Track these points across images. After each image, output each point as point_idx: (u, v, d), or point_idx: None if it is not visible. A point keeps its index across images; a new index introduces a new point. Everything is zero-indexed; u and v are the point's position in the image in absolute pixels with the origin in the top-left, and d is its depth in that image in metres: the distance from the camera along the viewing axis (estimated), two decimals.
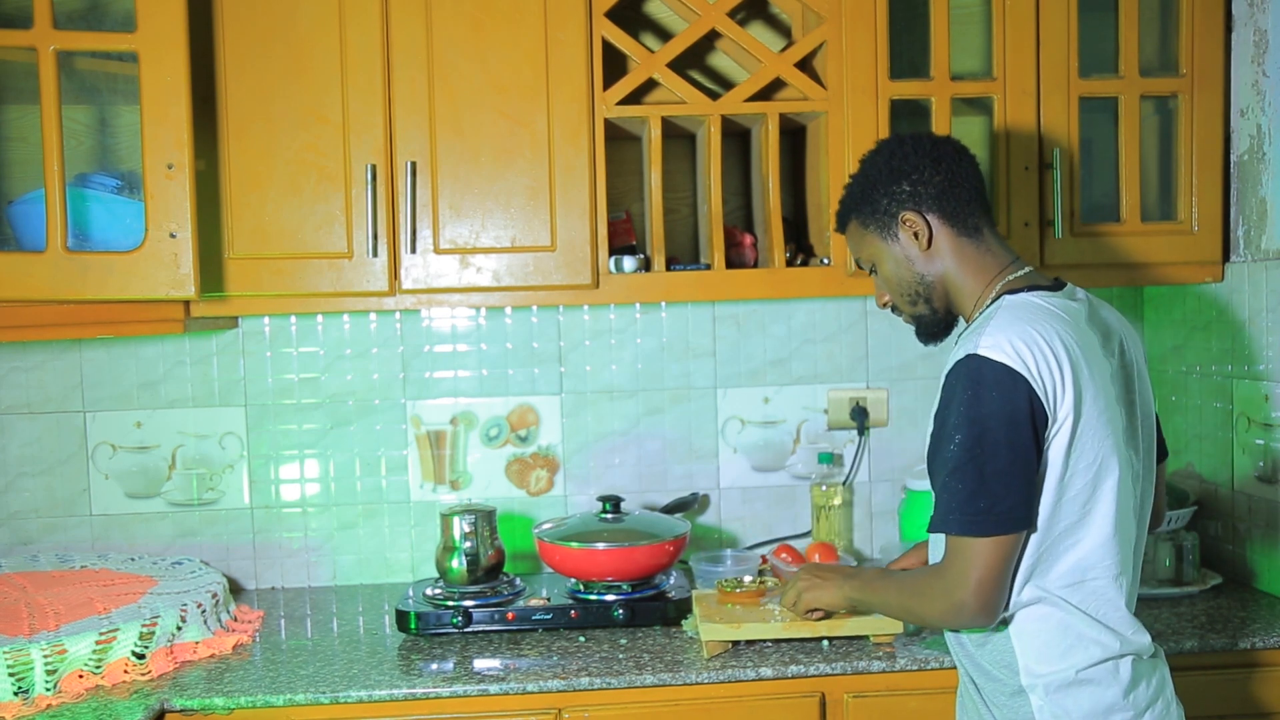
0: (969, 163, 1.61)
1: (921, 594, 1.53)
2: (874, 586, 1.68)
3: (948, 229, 1.58)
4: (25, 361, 2.37)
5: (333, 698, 1.80)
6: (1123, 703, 1.47)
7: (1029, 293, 1.52)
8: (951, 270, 1.59)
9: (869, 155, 1.66)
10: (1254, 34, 2.16)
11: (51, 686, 1.76)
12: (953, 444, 1.42)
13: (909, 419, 2.52)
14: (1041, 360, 1.41)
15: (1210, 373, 2.30)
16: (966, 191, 1.58)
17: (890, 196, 1.59)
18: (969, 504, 1.41)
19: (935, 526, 1.47)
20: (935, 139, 1.63)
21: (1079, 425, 1.43)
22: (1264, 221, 2.14)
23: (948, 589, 1.46)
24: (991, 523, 1.41)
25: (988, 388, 1.40)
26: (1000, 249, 1.60)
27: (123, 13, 1.96)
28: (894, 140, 1.65)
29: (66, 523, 2.39)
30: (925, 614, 1.54)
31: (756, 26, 2.40)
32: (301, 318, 2.42)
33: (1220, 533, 2.29)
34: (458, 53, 2.07)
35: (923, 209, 1.58)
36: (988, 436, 1.40)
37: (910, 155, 1.59)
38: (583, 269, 2.10)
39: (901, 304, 1.65)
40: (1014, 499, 1.41)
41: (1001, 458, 1.40)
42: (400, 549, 2.46)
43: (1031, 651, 1.48)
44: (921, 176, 1.58)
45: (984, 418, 1.40)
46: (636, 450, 2.48)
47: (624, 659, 1.89)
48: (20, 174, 2.25)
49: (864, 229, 1.64)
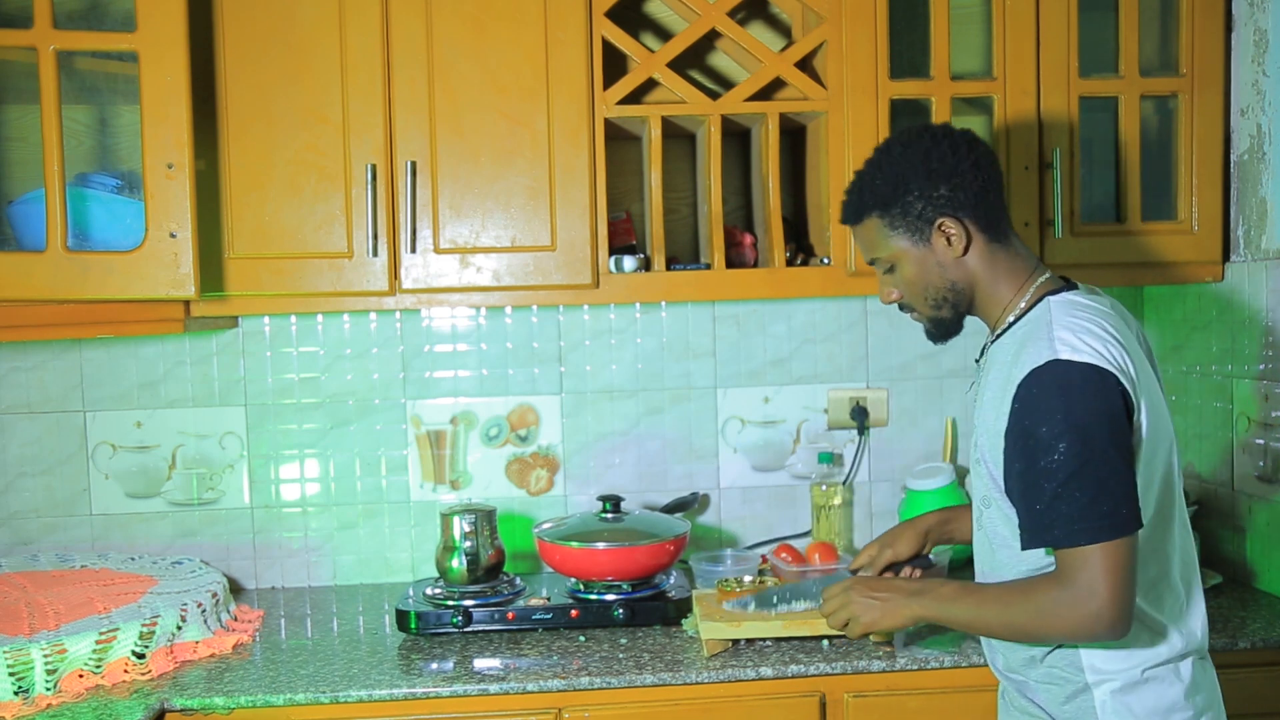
0: (997, 165, 1.56)
1: (1041, 609, 1.40)
2: (958, 604, 1.51)
3: (981, 235, 1.53)
4: (25, 361, 2.37)
5: (333, 697, 1.80)
6: (1184, 703, 1.46)
7: (1066, 293, 1.51)
8: (983, 276, 1.54)
9: (897, 148, 1.56)
10: (1254, 34, 2.16)
11: (51, 686, 1.76)
12: (1057, 454, 1.36)
13: (909, 419, 2.52)
14: (1118, 354, 1.40)
15: (1210, 373, 2.30)
16: (997, 196, 1.54)
17: (926, 200, 1.51)
18: (1091, 510, 1.35)
19: (1059, 542, 1.38)
20: (969, 138, 1.55)
21: (1150, 414, 1.42)
22: (1264, 221, 2.14)
23: (1078, 600, 1.37)
24: (1119, 525, 1.35)
25: (1079, 390, 1.37)
26: (1026, 252, 1.57)
27: (123, 13, 1.96)
28: (927, 136, 1.54)
29: (66, 523, 2.39)
30: (1049, 630, 1.42)
31: (756, 26, 2.40)
32: (301, 317, 2.42)
33: (1220, 533, 2.29)
34: (458, 53, 2.07)
35: (961, 215, 1.51)
36: (1095, 440, 1.35)
37: (948, 156, 1.51)
38: (583, 269, 2.10)
39: (922, 306, 1.58)
40: (1133, 498, 1.37)
41: (1113, 459, 1.36)
42: (400, 549, 2.46)
43: (1099, 652, 1.46)
44: (962, 181, 1.50)
45: (1086, 422, 1.35)
46: (636, 450, 2.48)
47: (624, 659, 1.89)
48: (20, 174, 2.25)
49: (890, 229, 1.55)
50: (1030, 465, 1.39)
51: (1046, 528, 1.38)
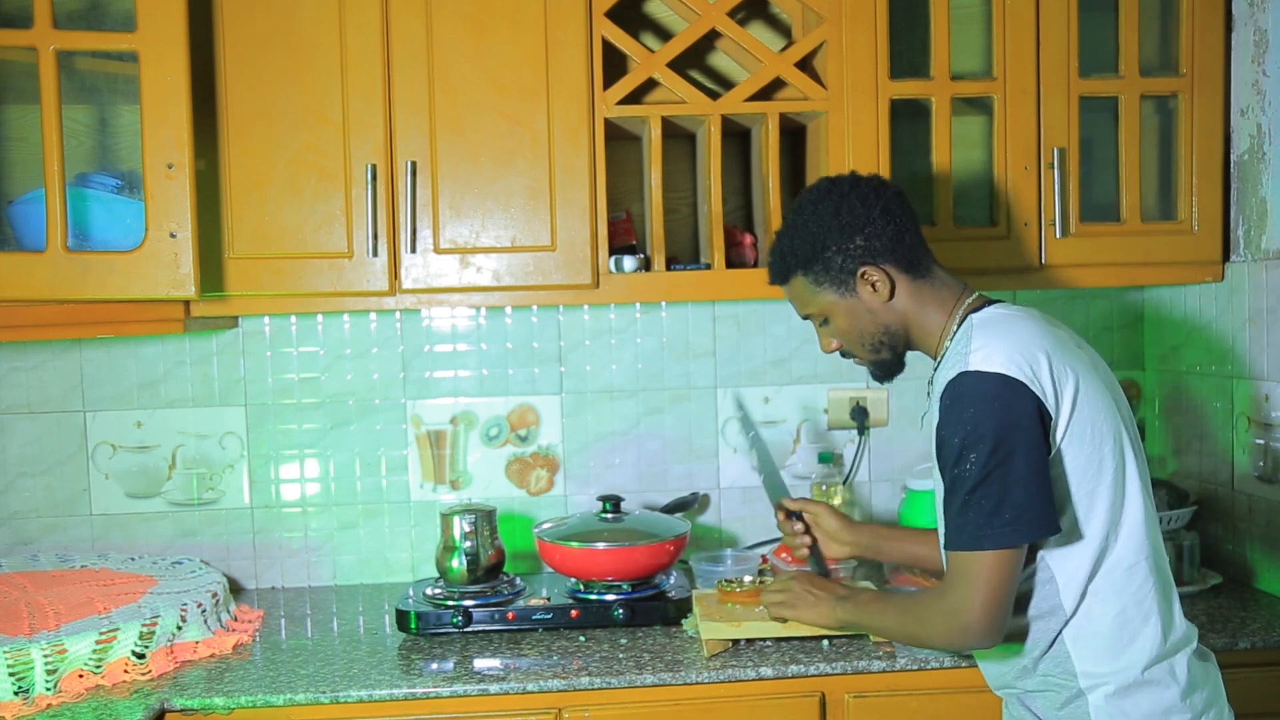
0: (908, 203, 1.61)
1: (922, 618, 1.52)
2: (870, 610, 1.67)
3: (904, 275, 1.58)
4: (25, 361, 2.37)
5: (333, 697, 1.80)
6: (1181, 705, 1.47)
7: (989, 308, 1.55)
8: (913, 313, 1.59)
9: (807, 207, 1.62)
10: (1254, 34, 2.16)
11: (51, 686, 1.76)
12: (968, 463, 1.42)
13: (909, 419, 2.52)
14: (1033, 362, 1.43)
15: (1210, 373, 2.30)
16: (913, 235, 1.59)
17: (845, 253, 1.57)
18: (994, 519, 1.41)
19: (965, 546, 1.44)
20: (875, 185, 1.60)
21: (1089, 412, 1.45)
22: (1264, 221, 2.14)
23: (951, 610, 1.45)
24: (1022, 531, 1.40)
25: (989, 400, 1.41)
26: (950, 279, 1.61)
27: (123, 13, 1.96)
28: (833, 191, 1.60)
29: (66, 523, 2.39)
30: (928, 638, 1.53)
31: (756, 26, 2.40)
32: (301, 318, 2.42)
33: (1220, 533, 2.29)
34: (458, 53, 2.07)
35: (879, 261, 1.57)
36: (1000, 450, 1.40)
37: (858, 207, 1.56)
38: (583, 269, 2.10)
39: (861, 352, 1.65)
40: (1039, 505, 1.40)
41: (1019, 467, 1.40)
42: (400, 549, 2.46)
43: (1089, 654, 1.48)
44: (874, 229, 1.56)
45: (993, 431, 1.40)
46: (636, 450, 2.48)
47: (624, 659, 1.89)
48: (20, 174, 2.25)
49: (815, 286, 1.61)
50: (945, 474, 1.46)
51: (956, 533, 1.45)
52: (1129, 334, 2.55)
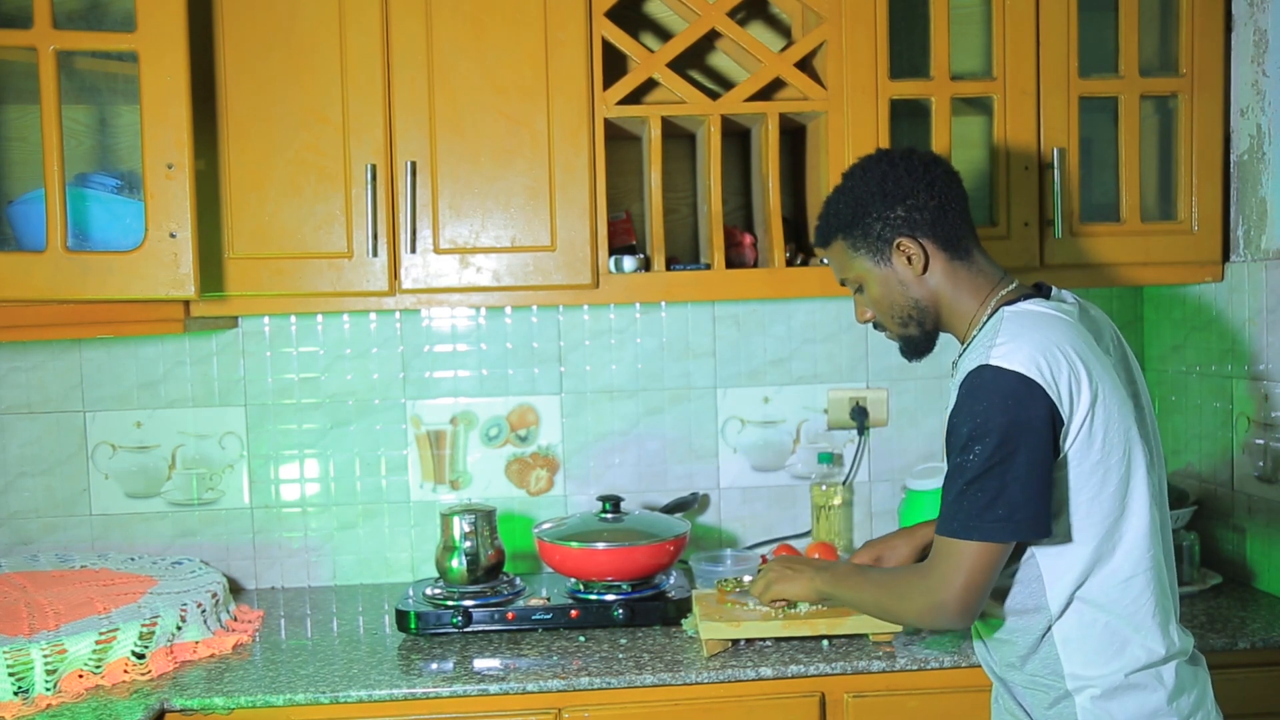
0: (958, 183, 1.60)
1: (900, 593, 1.54)
2: (847, 582, 1.68)
3: (941, 253, 1.58)
4: (25, 361, 2.37)
5: (333, 698, 1.80)
6: (1167, 709, 1.47)
7: (1024, 302, 1.54)
8: (946, 293, 1.59)
9: (857, 172, 1.63)
10: (1254, 34, 2.16)
11: (51, 686, 1.76)
12: (972, 454, 1.43)
13: (909, 419, 2.52)
14: (1054, 365, 1.43)
15: (1210, 373, 2.30)
16: (957, 214, 1.58)
17: (884, 221, 1.57)
18: (987, 513, 1.42)
19: (955, 534, 1.45)
20: (926, 159, 1.60)
21: (1102, 422, 1.44)
22: (1264, 221, 2.14)
23: (930, 588, 1.48)
24: (1010, 530, 1.42)
25: (1003, 397, 1.41)
26: (990, 266, 1.61)
27: (123, 13, 1.96)
28: (884, 160, 1.61)
29: (66, 523, 2.39)
30: (902, 612, 1.55)
31: (756, 26, 2.40)
32: (301, 318, 2.42)
33: (1220, 533, 2.29)
34: (458, 53, 2.07)
35: (917, 234, 1.57)
36: (1005, 447, 1.41)
37: (904, 178, 1.57)
38: (583, 269, 2.10)
39: (890, 325, 1.65)
40: (1034, 506, 1.41)
41: (1019, 468, 1.41)
42: (400, 549, 2.46)
43: (1078, 657, 1.48)
44: (917, 201, 1.56)
45: (1001, 428, 1.41)
46: (636, 450, 2.48)
47: (624, 659, 1.89)
48: (20, 174, 2.25)
49: (853, 251, 1.62)
50: (951, 460, 1.48)
51: (948, 518, 1.47)
52: (1129, 334, 2.55)
